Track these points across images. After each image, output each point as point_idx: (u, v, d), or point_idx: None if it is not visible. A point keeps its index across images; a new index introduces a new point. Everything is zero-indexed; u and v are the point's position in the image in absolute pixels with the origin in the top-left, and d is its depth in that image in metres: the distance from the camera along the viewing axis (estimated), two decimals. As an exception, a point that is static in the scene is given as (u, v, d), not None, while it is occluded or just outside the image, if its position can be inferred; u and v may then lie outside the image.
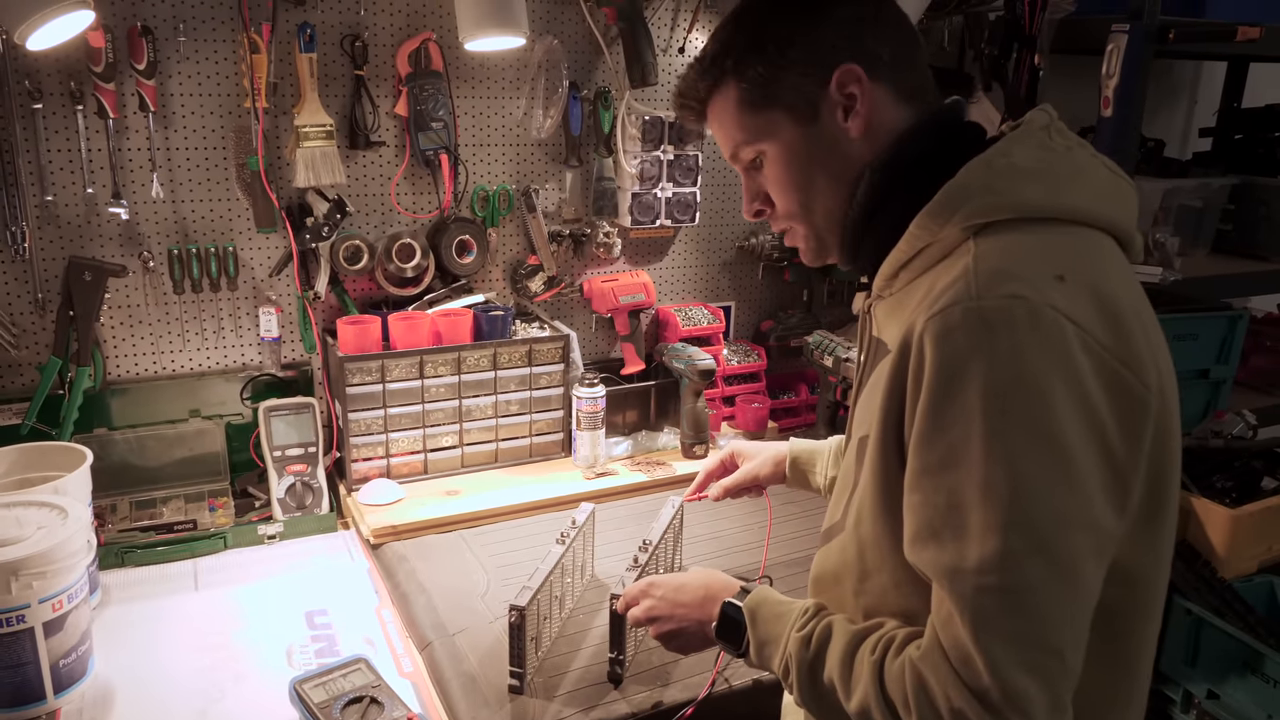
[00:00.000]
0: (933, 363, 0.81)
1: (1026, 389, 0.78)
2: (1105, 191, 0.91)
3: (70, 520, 1.27)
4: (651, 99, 2.11)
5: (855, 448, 0.97)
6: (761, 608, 1.02)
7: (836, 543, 1.01)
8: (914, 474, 0.84)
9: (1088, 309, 0.81)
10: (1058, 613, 0.79)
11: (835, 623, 0.94)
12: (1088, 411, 0.79)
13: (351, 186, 1.89)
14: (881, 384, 0.89)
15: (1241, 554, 1.90)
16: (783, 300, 2.41)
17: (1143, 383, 0.82)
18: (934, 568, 0.83)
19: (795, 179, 1.00)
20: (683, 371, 2.00)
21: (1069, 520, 0.79)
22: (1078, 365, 0.79)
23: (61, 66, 1.62)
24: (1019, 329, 0.79)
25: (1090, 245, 0.88)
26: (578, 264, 2.15)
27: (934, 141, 0.95)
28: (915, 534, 0.85)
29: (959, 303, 0.81)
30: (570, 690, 1.29)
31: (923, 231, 0.90)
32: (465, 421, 1.90)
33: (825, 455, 1.39)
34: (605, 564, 1.60)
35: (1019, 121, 0.95)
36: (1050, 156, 0.90)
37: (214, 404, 1.84)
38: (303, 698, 1.23)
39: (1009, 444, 0.78)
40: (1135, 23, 1.93)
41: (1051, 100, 1.00)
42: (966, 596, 0.79)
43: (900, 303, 0.93)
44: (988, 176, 0.88)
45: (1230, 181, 2.51)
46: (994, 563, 0.78)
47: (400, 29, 1.86)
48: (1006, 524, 0.78)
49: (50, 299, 1.69)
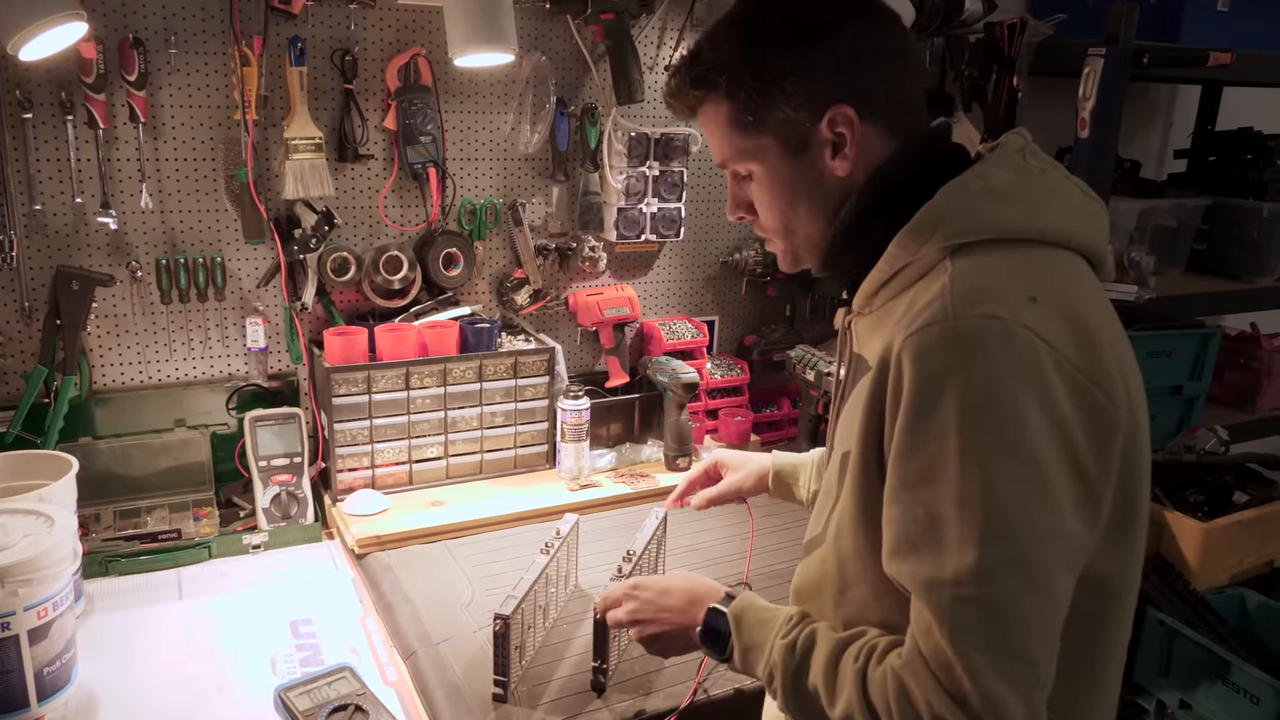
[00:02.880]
0: (911, 380, 0.84)
1: (1001, 407, 0.80)
2: (1078, 213, 0.94)
3: (56, 528, 1.27)
4: (637, 115, 2.14)
5: (838, 462, 0.99)
6: (746, 614, 1.03)
7: (817, 555, 1.03)
8: (892, 488, 0.87)
9: (1060, 329, 0.83)
10: (1032, 623, 0.81)
11: (819, 630, 0.96)
12: (1060, 429, 0.81)
13: (340, 199, 1.90)
14: (862, 400, 0.92)
15: (1213, 566, 1.94)
16: (766, 315, 2.43)
17: (1112, 401, 0.85)
18: (912, 579, 0.85)
19: (778, 203, 1.02)
20: (667, 385, 2.02)
21: (1043, 534, 0.81)
22: (1050, 384, 0.81)
23: (52, 77, 1.63)
24: (993, 348, 0.81)
25: (1062, 266, 0.91)
26: (563, 278, 2.17)
27: (916, 165, 0.96)
28: (894, 547, 0.87)
29: (936, 322, 0.84)
30: (554, 699, 1.30)
31: (902, 251, 0.92)
32: (450, 433, 1.91)
33: (808, 468, 1.41)
34: (589, 574, 1.61)
35: (995, 143, 0.98)
36: (1025, 179, 0.92)
37: (199, 414, 1.84)
38: (288, 705, 1.23)
39: (984, 460, 0.80)
40: (1111, 47, 1.98)
41: (1029, 121, 1.03)
42: (944, 607, 0.81)
43: (880, 320, 0.96)
44: (964, 198, 0.91)
45: (1204, 202, 2.56)
46: (971, 574, 0.80)
47: (390, 44, 1.88)
48: (983, 537, 0.80)
49: (37, 308, 1.70)
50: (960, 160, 0.98)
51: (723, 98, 0.99)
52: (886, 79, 0.96)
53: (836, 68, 0.94)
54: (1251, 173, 2.62)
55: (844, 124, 0.95)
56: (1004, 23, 2.22)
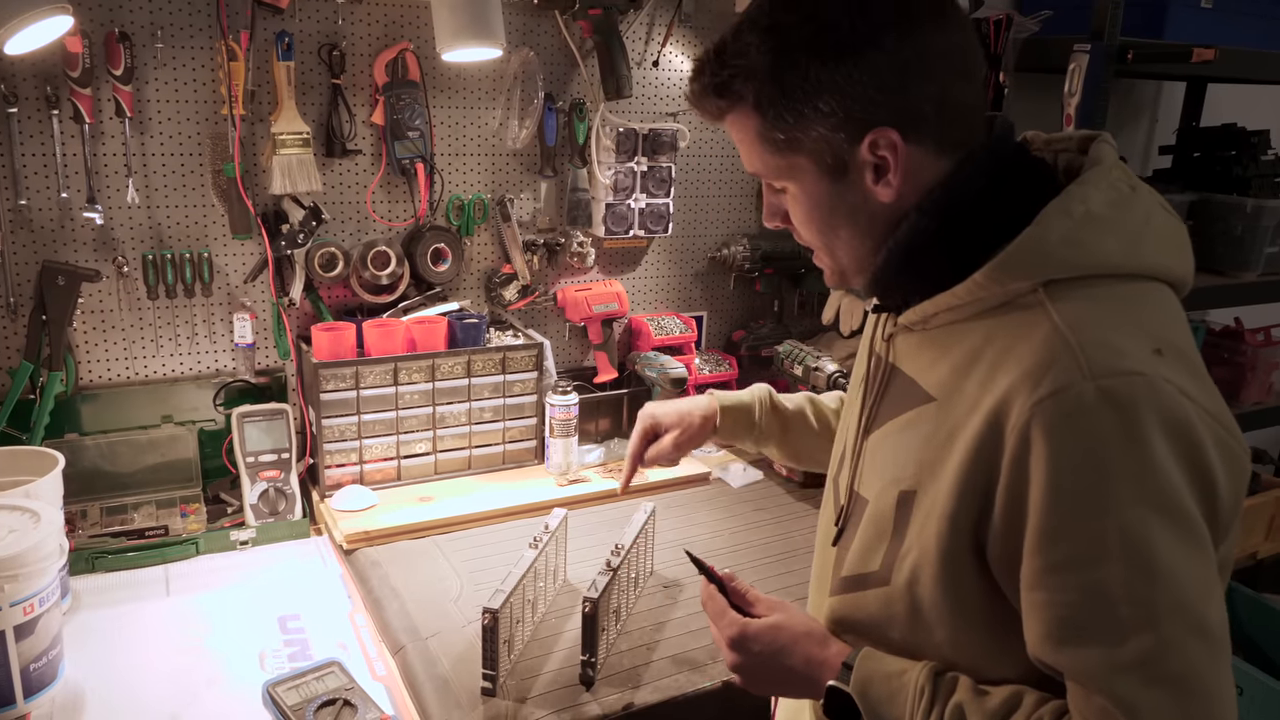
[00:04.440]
0: (1051, 452, 0.76)
1: (1159, 471, 0.75)
2: (1170, 241, 0.87)
3: (43, 524, 1.27)
4: (626, 111, 2.14)
5: (894, 498, 0.91)
6: (870, 688, 0.91)
7: (879, 595, 0.93)
8: (1037, 572, 0.79)
9: (1188, 378, 0.78)
10: (1222, 687, 0.77)
11: (966, 707, 0.85)
12: (1208, 484, 0.78)
13: (327, 194, 1.90)
14: (950, 454, 0.84)
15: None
16: (754, 310, 2.44)
17: (1241, 445, 0.81)
18: (1080, 667, 0.78)
19: (817, 224, 0.92)
20: (655, 380, 2.03)
21: (1209, 593, 0.77)
22: (1200, 441, 0.77)
23: (37, 71, 1.62)
24: (1145, 410, 0.75)
25: (1161, 301, 0.85)
26: (552, 273, 2.17)
27: (983, 182, 0.87)
28: (1049, 634, 0.79)
29: (1073, 385, 0.76)
30: (542, 692, 1.30)
31: (991, 283, 0.84)
32: (439, 428, 1.91)
33: (754, 406, 1.35)
34: (578, 569, 1.61)
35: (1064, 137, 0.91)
36: (1120, 201, 0.85)
37: (186, 410, 1.84)
38: (276, 700, 1.23)
39: (1148, 530, 0.75)
40: (1096, 43, 2.00)
41: (1015, 117, 0.99)
42: (1129, 694, 0.75)
43: (936, 341, 0.90)
44: (1067, 228, 0.82)
45: (1189, 198, 2.58)
46: (1156, 652, 0.74)
47: (378, 39, 1.87)
48: (1160, 612, 0.75)
49: (23, 303, 1.69)
50: (1031, 168, 0.90)
51: (750, 110, 0.89)
52: (939, 90, 0.85)
53: (878, 86, 0.83)
54: (1235, 168, 2.63)
55: (886, 148, 0.85)
56: (990, 19, 2.23)
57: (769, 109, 0.87)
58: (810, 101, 0.85)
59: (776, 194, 0.96)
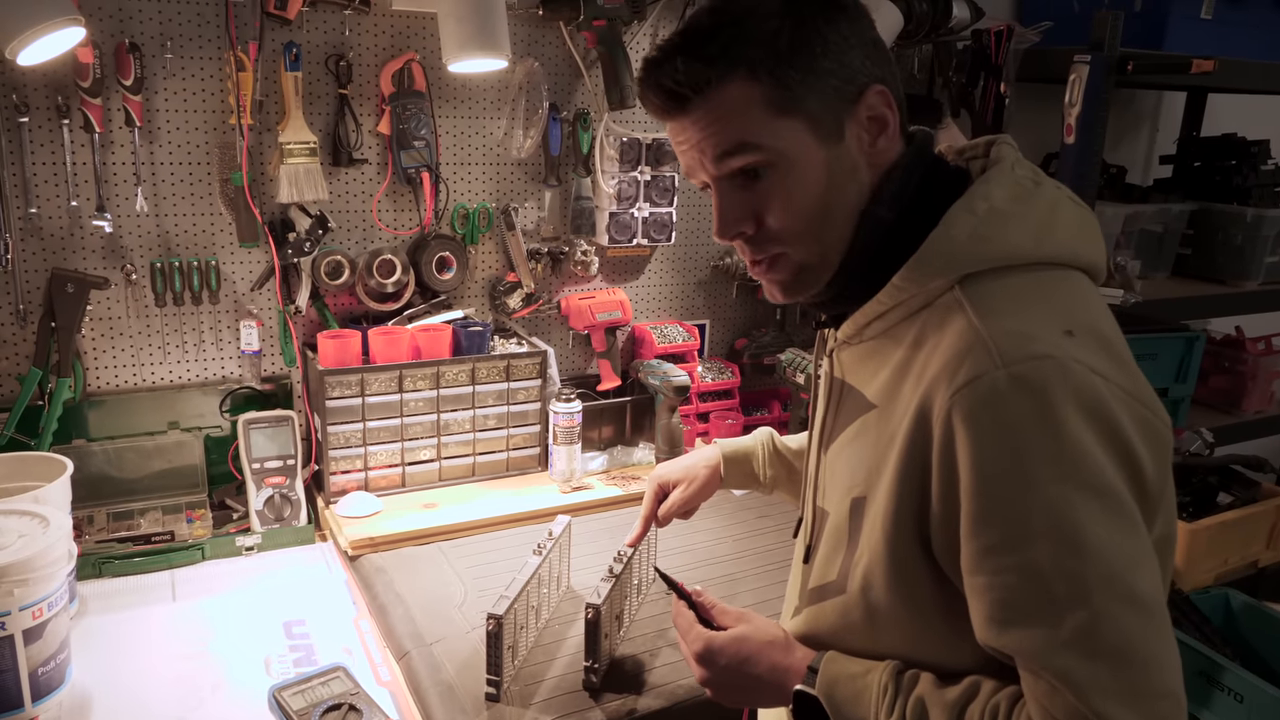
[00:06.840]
0: (972, 440, 0.79)
1: (1077, 450, 0.77)
2: (1077, 227, 0.90)
3: (51, 529, 1.28)
4: (629, 121, 2.16)
5: (847, 507, 0.93)
6: (835, 689, 0.93)
7: (836, 604, 0.95)
8: (973, 556, 0.81)
9: (1101, 357, 0.80)
10: (1162, 654, 0.78)
11: (927, 700, 0.87)
12: (1129, 459, 0.79)
13: (334, 203, 1.91)
14: (889, 453, 0.87)
15: (1198, 567, 1.96)
16: (756, 319, 2.45)
17: (1163, 420, 0.83)
18: (1024, 646, 0.79)
19: (808, 203, 0.89)
20: (658, 388, 2.04)
21: (1136, 563, 0.78)
22: (1114, 416, 0.78)
23: (48, 81, 1.64)
24: (1056, 391, 0.77)
25: (1073, 287, 0.87)
26: (556, 281, 2.19)
27: (920, 177, 0.91)
28: (991, 616, 0.81)
29: (985, 373, 0.78)
30: (546, 698, 1.31)
31: (909, 284, 0.87)
32: (443, 435, 1.92)
33: (758, 452, 1.37)
34: (581, 575, 1.62)
35: (973, 145, 0.94)
36: (1023, 195, 0.88)
37: (193, 416, 1.85)
38: (282, 705, 1.24)
39: (1072, 507, 0.77)
40: (1096, 54, 2.01)
41: (1017, 127, 1.02)
42: (1070, 668, 0.76)
43: (874, 351, 0.92)
44: (972, 224, 0.86)
45: (1189, 207, 2.59)
46: (1090, 626, 0.76)
47: (384, 50, 1.89)
48: (1091, 586, 0.76)
49: (32, 310, 1.70)
50: (949, 174, 0.93)
51: (745, 78, 0.86)
52: (895, 71, 0.91)
53: (874, 42, 0.89)
54: (1235, 178, 2.65)
55: (884, 106, 0.88)
56: (991, 30, 2.25)
57: (771, 71, 0.85)
58: (815, 59, 0.86)
59: (749, 186, 0.91)
